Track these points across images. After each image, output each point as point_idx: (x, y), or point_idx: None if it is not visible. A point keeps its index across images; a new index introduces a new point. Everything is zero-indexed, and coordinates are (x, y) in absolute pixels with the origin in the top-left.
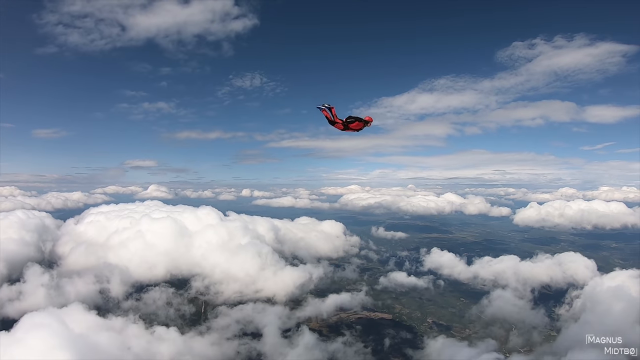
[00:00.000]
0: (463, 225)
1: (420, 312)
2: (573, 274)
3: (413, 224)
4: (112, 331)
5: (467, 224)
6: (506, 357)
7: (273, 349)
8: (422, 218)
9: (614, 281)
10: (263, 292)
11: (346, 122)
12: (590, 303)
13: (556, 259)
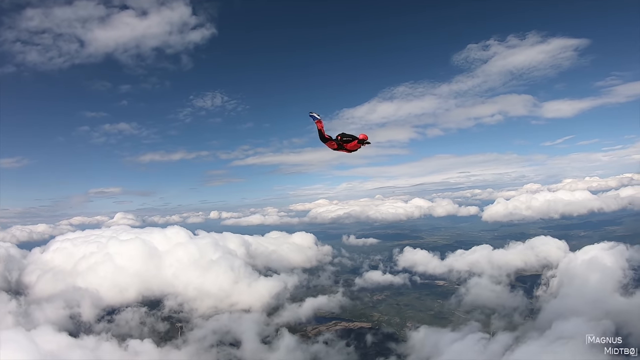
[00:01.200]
0: (433, 229)
1: (399, 318)
2: (546, 256)
3: (383, 232)
4: (84, 349)
5: (437, 227)
6: (491, 337)
7: (253, 355)
8: (392, 226)
9: (586, 255)
10: (238, 304)
11: (340, 140)
12: (567, 278)
13: (528, 244)
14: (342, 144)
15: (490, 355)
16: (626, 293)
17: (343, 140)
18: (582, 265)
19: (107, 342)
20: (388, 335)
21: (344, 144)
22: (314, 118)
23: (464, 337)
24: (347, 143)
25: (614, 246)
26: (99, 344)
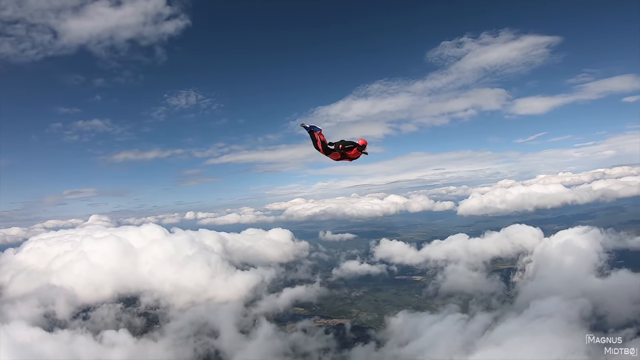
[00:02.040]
0: (409, 226)
1: (377, 313)
2: (521, 243)
3: (360, 229)
4: (59, 342)
5: (413, 225)
6: (470, 318)
7: (231, 345)
8: (368, 223)
9: (561, 239)
10: (216, 298)
11: (342, 149)
12: (542, 261)
13: (503, 233)
14: (345, 153)
15: (469, 335)
16: (601, 275)
17: (345, 149)
18: (557, 249)
19: (81, 335)
20: (367, 322)
21: (347, 151)
22: (313, 129)
23: (443, 318)
24: (348, 151)
25: (587, 230)
26: (73, 337)
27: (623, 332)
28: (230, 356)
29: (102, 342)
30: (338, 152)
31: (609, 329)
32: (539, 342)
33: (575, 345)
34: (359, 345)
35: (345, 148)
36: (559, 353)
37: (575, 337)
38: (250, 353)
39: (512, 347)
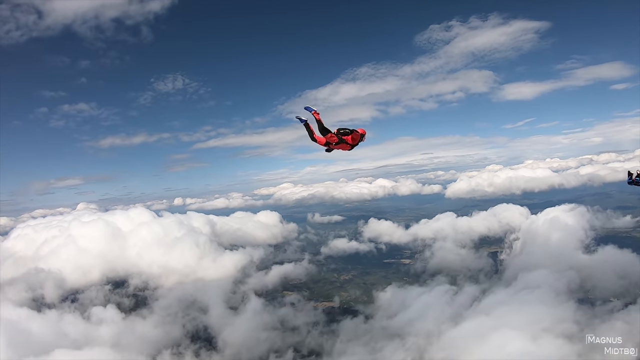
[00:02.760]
0: (397, 211)
1: (366, 297)
2: (509, 222)
3: (348, 213)
4: (47, 321)
5: (401, 208)
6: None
7: (220, 320)
8: (357, 207)
9: (548, 216)
10: (205, 278)
11: (339, 133)
12: (529, 237)
13: (491, 212)
14: (342, 138)
15: (457, 307)
16: (588, 252)
17: (343, 133)
18: (544, 225)
19: (69, 314)
20: (356, 297)
21: (344, 136)
22: (308, 109)
23: (431, 290)
24: (346, 135)
25: (574, 208)
26: (61, 316)
27: (610, 305)
28: (218, 331)
29: (90, 320)
30: (335, 136)
31: (596, 302)
32: (527, 312)
33: (564, 315)
34: (348, 319)
35: (343, 132)
36: (547, 322)
37: (563, 307)
38: (239, 328)
39: (500, 315)
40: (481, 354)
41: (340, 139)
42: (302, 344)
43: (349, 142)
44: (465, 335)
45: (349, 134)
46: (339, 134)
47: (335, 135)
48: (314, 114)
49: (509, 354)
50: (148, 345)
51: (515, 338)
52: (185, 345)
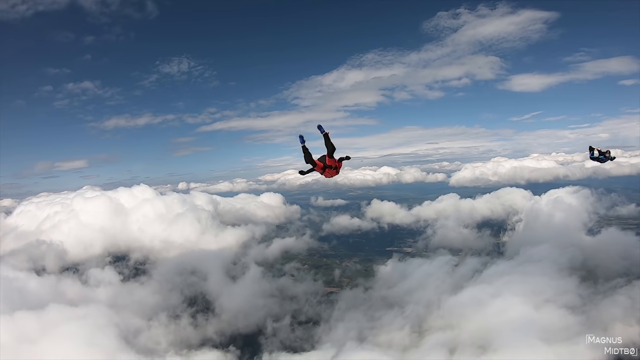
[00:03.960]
0: (401, 198)
1: (366, 270)
2: (512, 204)
3: (351, 200)
4: (44, 282)
5: (405, 198)
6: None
7: (218, 288)
8: (360, 195)
9: (551, 197)
10: (205, 250)
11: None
12: (532, 217)
13: (494, 194)
14: (337, 164)
15: (458, 278)
16: (591, 233)
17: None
18: (547, 206)
19: (68, 278)
20: (356, 271)
21: (339, 162)
22: (320, 129)
23: (432, 262)
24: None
25: (578, 190)
26: (59, 279)
27: (613, 282)
28: (216, 297)
29: (88, 282)
30: (335, 162)
31: (599, 279)
32: (529, 282)
33: (567, 288)
34: (347, 290)
35: (339, 159)
36: (550, 293)
37: (566, 281)
38: (237, 295)
39: (501, 285)
40: (480, 320)
41: (333, 165)
42: (300, 311)
43: (338, 168)
44: (465, 303)
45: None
46: (340, 160)
47: (337, 161)
48: (324, 134)
49: (509, 320)
50: (145, 307)
51: (516, 304)
52: (182, 309)
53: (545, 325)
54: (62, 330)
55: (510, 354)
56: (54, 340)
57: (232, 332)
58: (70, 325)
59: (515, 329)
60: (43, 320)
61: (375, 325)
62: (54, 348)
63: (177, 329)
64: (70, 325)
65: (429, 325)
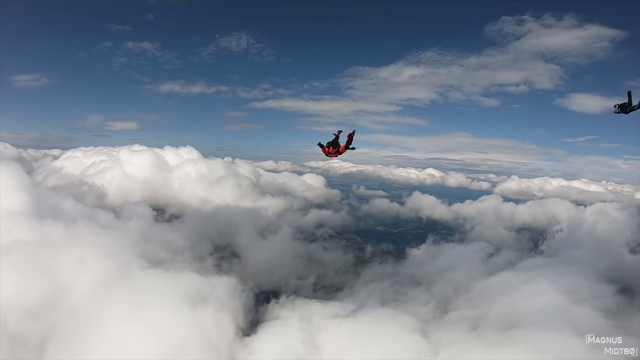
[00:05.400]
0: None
1: (398, 251)
2: (555, 214)
3: (394, 193)
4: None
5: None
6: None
7: (247, 242)
8: (403, 189)
9: (597, 208)
10: (241, 208)
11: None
12: (574, 226)
13: (537, 202)
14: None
15: (492, 266)
16: (633, 252)
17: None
18: (592, 216)
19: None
20: (388, 250)
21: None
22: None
23: (466, 246)
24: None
25: (626, 206)
26: (94, 210)
27: None
28: (244, 250)
29: (122, 215)
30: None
31: (636, 295)
32: (565, 279)
33: (603, 292)
34: (375, 264)
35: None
36: (584, 294)
37: (603, 286)
38: (266, 250)
39: (535, 275)
40: (509, 303)
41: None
42: (324, 276)
43: (341, 151)
44: (495, 287)
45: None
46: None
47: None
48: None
49: (539, 306)
50: (172, 245)
51: (549, 293)
52: (208, 254)
53: (577, 319)
54: (85, 241)
55: (536, 337)
56: (76, 248)
57: (255, 283)
58: (95, 239)
59: (544, 316)
60: (70, 232)
61: (399, 298)
62: (74, 253)
63: (200, 268)
64: (94, 238)
65: (455, 306)
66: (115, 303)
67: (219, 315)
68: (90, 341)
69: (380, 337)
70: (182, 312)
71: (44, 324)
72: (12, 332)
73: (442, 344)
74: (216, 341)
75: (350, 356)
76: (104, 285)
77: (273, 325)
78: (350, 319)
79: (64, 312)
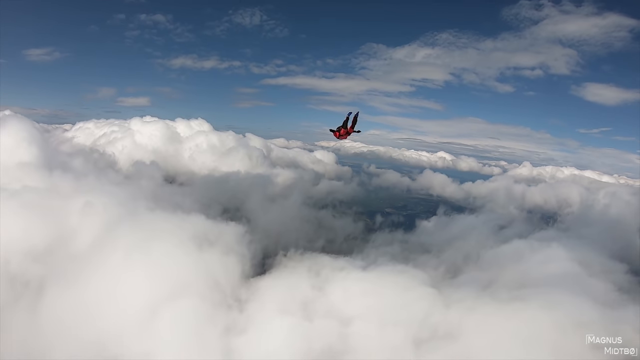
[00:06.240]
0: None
1: (408, 223)
2: (566, 198)
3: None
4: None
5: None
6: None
7: (258, 206)
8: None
9: (610, 190)
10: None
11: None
12: (588, 205)
13: (550, 185)
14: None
15: (502, 237)
16: None
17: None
18: (604, 198)
19: None
20: (398, 221)
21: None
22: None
23: (478, 216)
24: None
25: (638, 192)
26: None
27: None
28: (253, 213)
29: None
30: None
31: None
32: (577, 252)
33: (615, 268)
34: (385, 232)
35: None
36: (596, 268)
37: (615, 263)
38: (275, 214)
39: (547, 245)
40: (520, 268)
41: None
42: (333, 241)
43: (349, 131)
44: (506, 254)
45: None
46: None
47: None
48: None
49: (551, 272)
50: (181, 206)
51: (562, 260)
52: (216, 214)
53: (591, 288)
54: (93, 189)
55: (550, 295)
56: (84, 195)
57: (262, 244)
58: (103, 188)
59: (558, 279)
60: (79, 183)
61: (409, 264)
62: (81, 200)
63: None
64: (103, 188)
65: (465, 272)
66: (119, 240)
67: (225, 259)
68: (92, 279)
69: (391, 287)
70: (187, 252)
71: (46, 266)
72: (14, 274)
73: (454, 300)
74: (222, 282)
75: (359, 303)
76: (109, 228)
77: (280, 271)
78: (360, 271)
79: (68, 255)
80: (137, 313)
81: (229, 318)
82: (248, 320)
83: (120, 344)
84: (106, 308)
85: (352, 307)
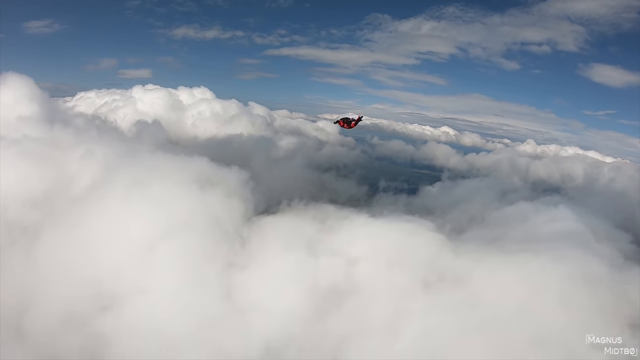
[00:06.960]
0: None
1: (412, 187)
2: (570, 173)
3: None
4: None
5: None
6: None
7: (261, 166)
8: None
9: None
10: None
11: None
12: (592, 178)
13: (555, 159)
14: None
15: (506, 201)
16: None
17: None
18: (609, 172)
19: None
20: (401, 186)
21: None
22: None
23: (482, 180)
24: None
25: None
26: None
27: None
28: (255, 173)
29: None
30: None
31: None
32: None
33: (620, 237)
34: (388, 194)
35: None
36: (602, 235)
37: (620, 232)
38: (277, 171)
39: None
40: (527, 229)
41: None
42: (337, 201)
43: (352, 126)
44: (511, 215)
45: (350, 122)
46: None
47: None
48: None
49: (558, 229)
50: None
51: (569, 219)
52: None
53: (596, 249)
54: (94, 140)
55: (559, 249)
56: (84, 144)
57: (266, 196)
58: (104, 141)
59: (564, 237)
60: (80, 135)
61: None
62: (81, 149)
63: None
64: (103, 141)
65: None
66: (118, 180)
67: (228, 200)
68: (90, 220)
69: (398, 232)
70: (189, 191)
71: (44, 212)
72: (12, 220)
73: (462, 251)
74: (223, 220)
75: (366, 245)
76: (108, 171)
77: (284, 215)
78: (366, 217)
79: (67, 200)
80: (135, 250)
81: (231, 255)
82: (250, 257)
83: (117, 281)
84: (104, 247)
85: (358, 248)
